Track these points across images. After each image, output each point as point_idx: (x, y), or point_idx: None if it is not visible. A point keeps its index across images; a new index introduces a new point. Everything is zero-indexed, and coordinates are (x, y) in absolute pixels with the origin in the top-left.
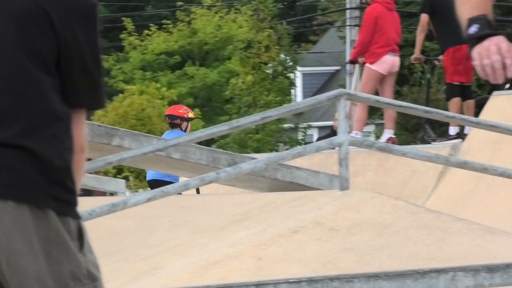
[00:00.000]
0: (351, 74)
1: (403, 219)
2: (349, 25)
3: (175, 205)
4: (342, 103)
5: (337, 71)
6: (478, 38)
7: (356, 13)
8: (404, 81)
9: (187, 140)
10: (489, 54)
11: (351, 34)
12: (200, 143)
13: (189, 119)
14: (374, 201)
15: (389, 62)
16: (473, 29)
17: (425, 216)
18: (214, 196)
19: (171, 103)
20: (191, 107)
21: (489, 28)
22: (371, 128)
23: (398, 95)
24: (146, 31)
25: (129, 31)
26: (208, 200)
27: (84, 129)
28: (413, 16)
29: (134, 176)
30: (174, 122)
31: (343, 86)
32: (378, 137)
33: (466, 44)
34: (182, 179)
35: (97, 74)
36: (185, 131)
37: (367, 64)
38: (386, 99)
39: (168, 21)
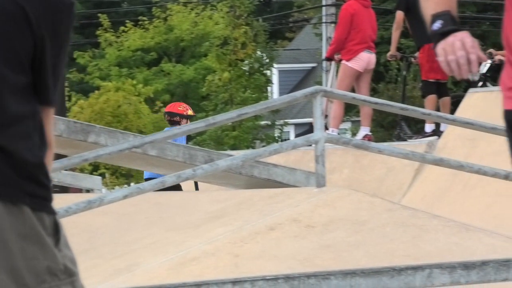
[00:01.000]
0: (327, 71)
1: (380, 216)
2: (325, 22)
3: (152, 202)
4: (319, 100)
5: (313, 68)
6: (442, 34)
7: (332, 10)
8: (380, 78)
9: (163, 137)
10: (454, 49)
11: (327, 31)
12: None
13: (188, 117)
14: (350, 198)
15: (365, 59)
16: (437, 25)
17: (401, 213)
18: (191, 193)
19: (147, 100)
20: (167, 103)
21: (453, 23)
22: (347, 125)
23: (374, 92)
24: (122, 28)
25: (105, 28)
26: (185, 197)
27: (52, 125)
28: (388, 13)
29: (110, 173)
30: (174, 120)
31: (320, 83)
32: (354, 134)
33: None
34: None
35: (62, 73)
36: None
37: (343, 61)
38: (362, 96)
39: (144, 18)
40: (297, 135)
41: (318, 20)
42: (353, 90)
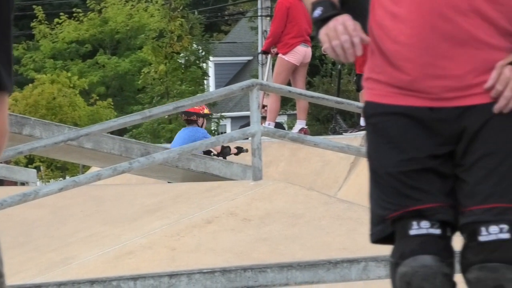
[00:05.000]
0: (263, 64)
1: (316, 209)
2: (261, 15)
3: (87, 195)
4: (255, 93)
5: (249, 61)
6: (323, 20)
7: (268, 3)
8: (315, 72)
9: (99, 129)
10: (337, 34)
11: (263, 25)
12: (112, 132)
13: (204, 115)
14: (287, 191)
15: (302, 52)
16: (318, 12)
17: (337, 206)
18: (127, 186)
19: (82, 92)
20: (103, 96)
21: (333, 9)
22: (283, 118)
23: (309, 86)
24: (56, 20)
25: (40, 20)
26: (121, 190)
27: (5, 112)
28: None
29: (46, 166)
30: (191, 119)
31: (256, 76)
32: (290, 127)
33: None
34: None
35: (10, 59)
36: (201, 127)
37: (280, 55)
38: (299, 89)
39: (79, 10)
40: (240, 127)
41: (254, 13)
42: (289, 84)
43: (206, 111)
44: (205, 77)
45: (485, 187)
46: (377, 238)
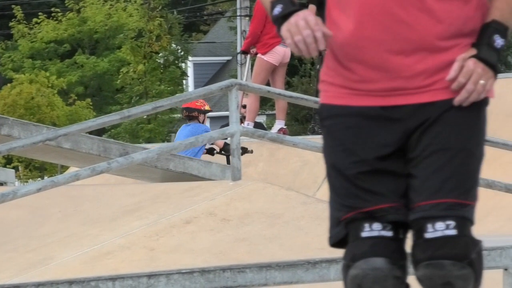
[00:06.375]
0: (242, 64)
1: (295, 209)
2: (240, 15)
3: (66, 196)
4: (234, 93)
5: (228, 61)
6: (284, 17)
7: (247, 3)
8: (294, 72)
9: (77, 129)
10: (299, 29)
11: (242, 24)
12: (90, 132)
13: (205, 111)
14: (266, 191)
15: (281, 53)
16: (278, 9)
17: (316, 207)
18: (106, 186)
19: (61, 92)
20: (82, 96)
21: (293, 6)
22: (262, 118)
23: (288, 86)
24: (35, 19)
25: (18, 19)
26: (100, 190)
27: None
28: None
29: (24, 166)
30: (192, 115)
31: (235, 76)
32: (269, 127)
33: None
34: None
35: None
36: (202, 123)
37: (259, 55)
38: (278, 89)
39: (58, 9)
40: (221, 127)
41: (233, 13)
42: (268, 84)
43: (207, 107)
44: (184, 77)
45: (434, 182)
46: (335, 240)
